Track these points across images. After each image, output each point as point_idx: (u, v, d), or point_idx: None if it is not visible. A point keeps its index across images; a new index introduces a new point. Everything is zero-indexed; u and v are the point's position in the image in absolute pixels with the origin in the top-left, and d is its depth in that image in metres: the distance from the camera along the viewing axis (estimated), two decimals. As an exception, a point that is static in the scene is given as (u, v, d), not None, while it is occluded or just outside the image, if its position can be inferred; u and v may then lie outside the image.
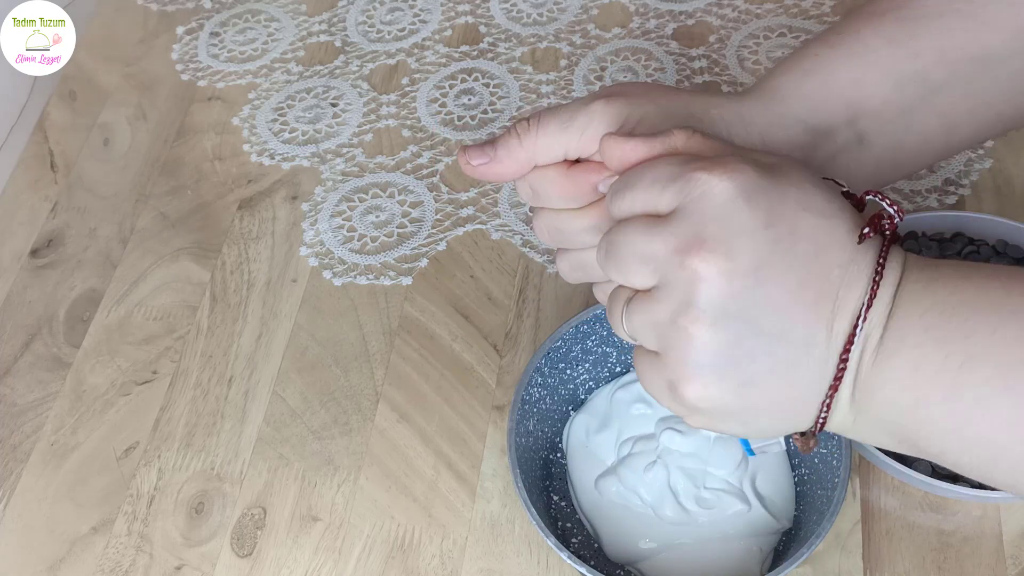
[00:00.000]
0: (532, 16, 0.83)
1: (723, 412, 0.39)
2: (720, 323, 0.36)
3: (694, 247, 0.36)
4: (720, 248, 0.36)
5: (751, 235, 0.36)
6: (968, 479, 0.54)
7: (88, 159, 0.77)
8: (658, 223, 0.38)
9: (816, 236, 0.37)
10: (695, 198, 0.37)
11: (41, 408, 0.63)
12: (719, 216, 0.37)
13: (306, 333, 0.65)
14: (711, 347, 0.37)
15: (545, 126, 0.44)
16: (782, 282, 0.36)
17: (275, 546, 0.57)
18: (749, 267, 0.36)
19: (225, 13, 0.86)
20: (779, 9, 0.81)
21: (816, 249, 0.37)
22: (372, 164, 0.74)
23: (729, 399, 0.38)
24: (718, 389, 0.38)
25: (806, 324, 0.37)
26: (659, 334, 0.38)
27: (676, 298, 0.37)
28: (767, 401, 0.38)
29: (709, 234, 0.36)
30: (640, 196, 0.39)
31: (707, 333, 0.37)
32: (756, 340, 0.37)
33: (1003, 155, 0.69)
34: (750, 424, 0.39)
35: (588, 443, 0.56)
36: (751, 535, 0.52)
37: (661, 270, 0.37)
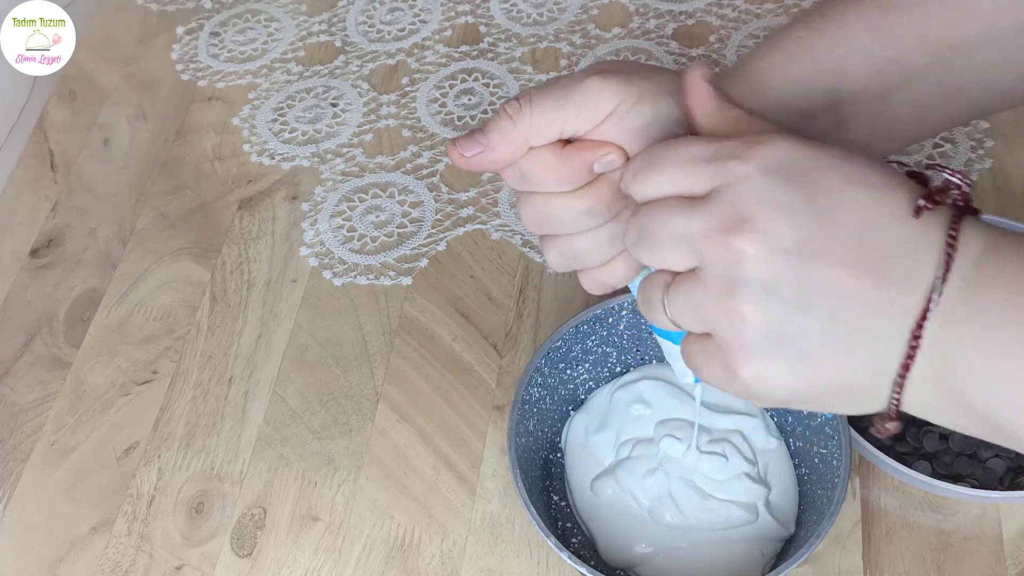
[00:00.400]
0: (532, 16, 0.83)
1: (784, 392, 0.37)
2: (768, 301, 0.36)
3: (735, 227, 0.35)
4: (762, 227, 0.35)
5: (792, 212, 0.35)
6: (968, 479, 0.54)
7: (88, 159, 0.77)
8: (695, 204, 0.37)
9: (866, 209, 0.36)
10: (733, 180, 0.36)
11: (41, 408, 0.63)
12: (759, 195, 0.36)
13: (306, 333, 0.65)
14: (760, 325, 0.36)
15: (540, 104, 0.43)
16: (830, 257, 0.35)
17: (275, 546, 0.57)
18: (793, 244, 0.35)
19: (225, 13, 0.86)
20: (779, 9, 0.81)
21: (866, 223, 0.36)
22: (372, 164, 0.74)
23: (786, 378, 0.37)
24: (774, 368, 0.36)
25: (862, 300, 0.35)
26: (706, 316, 0.37)
27: (721, 278, 0.36)
28: (828, 380, 0.37)
29: (750, 213, 0.35)
30: (670, 178, 0.38)
31: (756, 312, 0.36)
32: (807, 317, 0.35)
33: (1003, 155, 0.69)
34: (818, 404, 0.38)
35: (587, 443, 0.56)
36: (755, 540, 0.52)
37: (701, 250, 0.37)
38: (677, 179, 0.38)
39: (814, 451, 0.54)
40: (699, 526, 0.53)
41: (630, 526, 0.53)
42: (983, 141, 0.70)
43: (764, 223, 0.35)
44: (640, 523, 0.53)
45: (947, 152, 0.69)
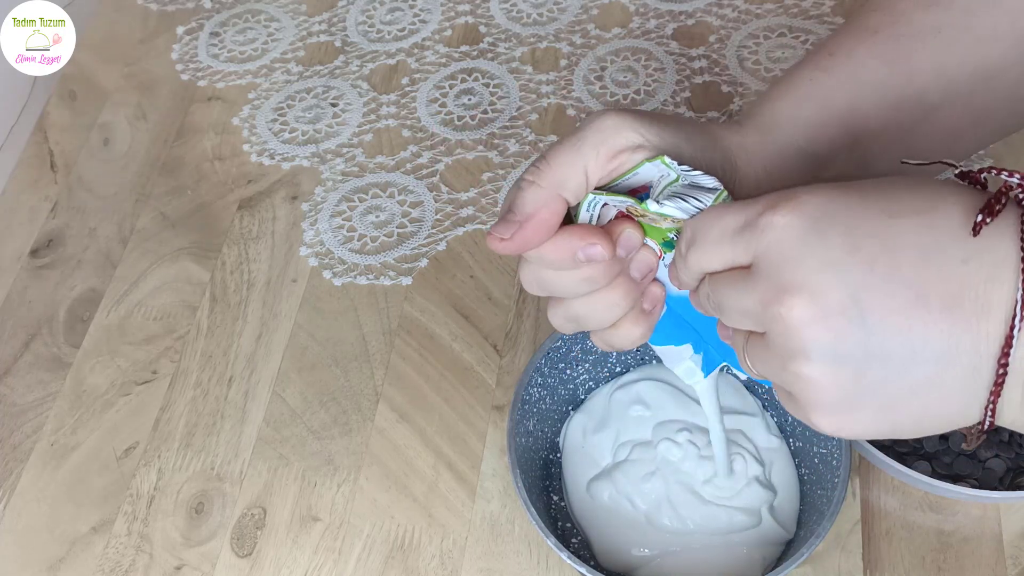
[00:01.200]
0: (532, 16, 0.83)
1: (872, 434, 0.36)
2: (834, 363, 0.34)
3: (777, 298, 0.34)
4: (804, 291, 0.34)
5: (835, 267, 0.33)
6: (968, 479, 0.54)
7: (88, 159, 0.77)
8: (743, 277, 0.36)
9: (919, 240, 0.33)
10: (765, 247, 0.35)
11: (41, 408, 0.63)
12: (794, 258, 0.34)
13: (306, 333, 0.65)
14: (832, 387, 0.34)
15: (556, 156, 0.41)
16: (892, 302, 0.33)
17: (275, 546, 0.57)
18: (845, 301, 0.33)
19: (225, 13, 0.86)
20: (779, 9, 0.81)
21: (923, 254, 0.33)
22: (372, 164, 0.74)
23: (870, 425, 0.35)
24: (854, 420, 0.35)
25: (940, 336, 0.33)
26: (780, 379, 0.36)
27: (781, 346, 0.35)
28: (915, 417, 0.35)
29: (789, 281, 0.34)
30: (716, 254, 0.37)
31: (823, 375, 0.34)
32: (881, 368, 0.34)
33: (1003, 155, 0.69)
34: (910, 434, 0.36)
35: (585, 444, 0.56)
36: (757, 545, 0.52)
37: (760, 322, 0.36)
38: (722, 253, 0.37)
39: (814, 451, 0.54)
40: (698, 531, 0.53)
41: (627, 530, 0.53)
42: (983, 141, 0.70)
43: (809, 286, 0.34)
44: (637, 527, 0.53)
45: (947, 152, 0.69)
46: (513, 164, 0.73)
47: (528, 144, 0.74)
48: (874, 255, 0.33)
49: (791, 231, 0.34)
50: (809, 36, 0.79)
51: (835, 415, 0.35)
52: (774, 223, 0.35)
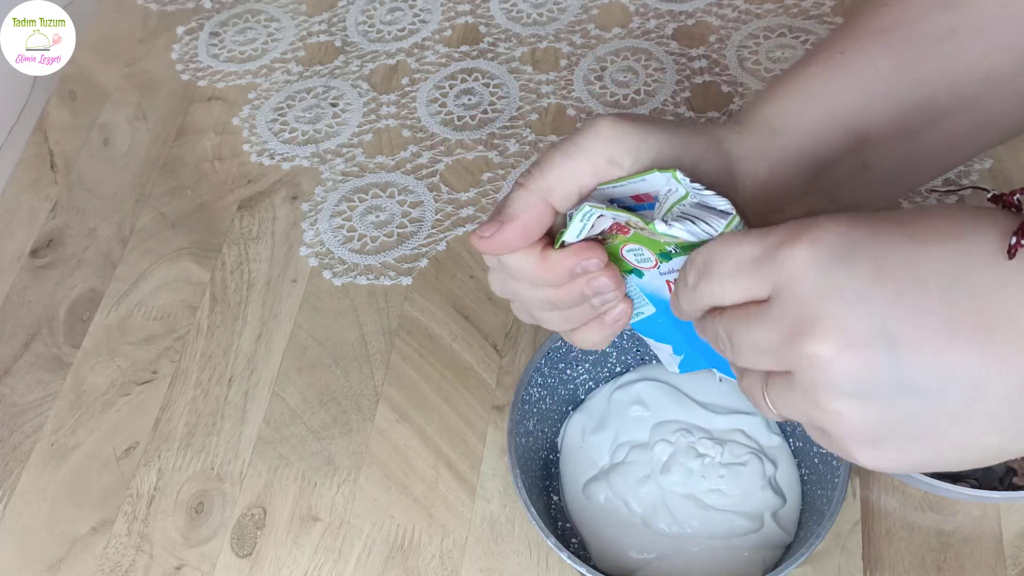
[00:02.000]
0: (532, 16, 0.83)
1: (911, 468, 0.35)
2: (866, 397, 0.33)
3: (803, 331, 0.33)
4: (828, 323, 0.32)
5: (862, 298, 0.32)
6: (968, 479, 0.54)
7: (88, 159, 0.77)
8: (760, 312, 0.34)
9: (949, 266, 0.32)
10: (786, 279, 0.33)
11: (41, 408, 0.63)
12: (818, 289, 0.33)
13: (306, 333, 0.65)
14: (866, 421, 0.33)
15: (548, 162, 0.40)
16: (922, 332, 0.32)
17: (275, 546, 0.57)
18: (873, 332, 0.32)
19: (225, 13, 0.86)
20: (779, 9, 0.81)
21: (953, 281, 0.32)
22: (372, 164, 0.74)
23: (908, 457, 0.34)
24: (894, 453, 0.34)
25: (972, 366, 0.32)
26: (809, 417, 0.35)
27: (809, 383, 0.33)
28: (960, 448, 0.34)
29: (814, 312, 0.32)
30: (730, 287, 0.35)
31: (855, 410, 0.33)
32: (914, 400, 0.32)
33: (1003, 155, 0.69)
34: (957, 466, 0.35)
35: (583, 444, 0.56)
36: (758, 548, 0.52)
37: (781, 360, 0.34)
38: (738, 286, 0.35)
39: (814, 451, 0.53)
40: (697, 535, 0.52)
41: (623, 532, 0.53)
42: (983, 141, 0.70)
43: (833, 319, 0.32)
44: (634, 530, 0.53)
45: (947, 152, 0.69)
46: (513, 164, 0.73)
47: (528, 144, 0.74)
48: (902, 284, 0.32)
49: (813, 262, 0.33)
50: (809, 36, 0.79)
51: (874, 449, 0.34)
52: (795, 255, 0.33)
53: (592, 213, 0.40)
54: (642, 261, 0.42)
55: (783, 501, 0.53)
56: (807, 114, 0.45)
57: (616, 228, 0.41)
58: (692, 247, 0.39)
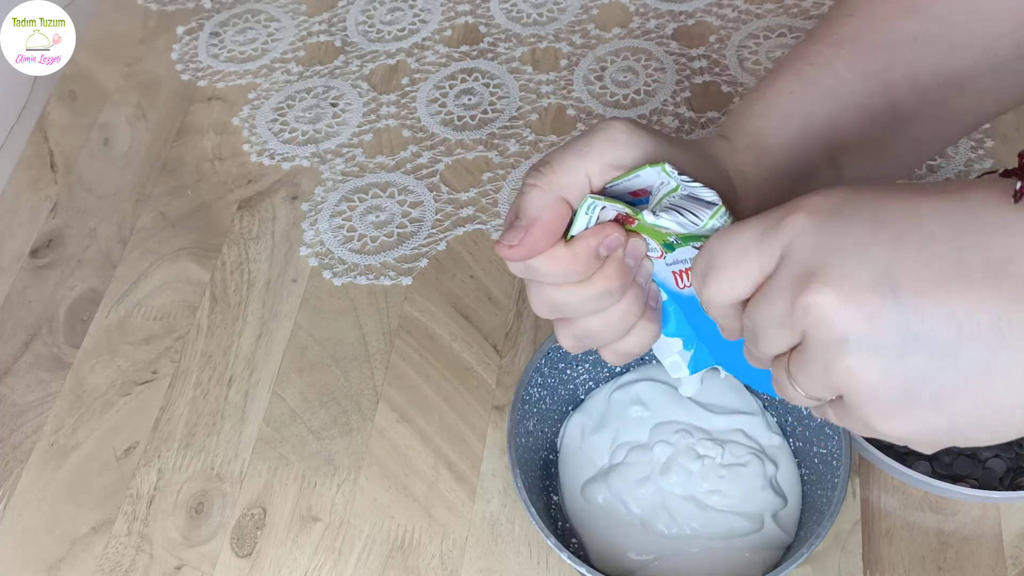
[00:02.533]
0: (532, 16, 0.83)
1: (932, 436, 0.33)
2: (875, 350, 0.32)
3: (802, 285, 0.32)
4: (829, 273, 0.32)
5: (861, 246, 0.32)
6: (968, 479, 0.54)
7: (88, 159, 0.77)
8: (769, 283, 0.34)
9: (952, 214, 0.31)
10: (788, 242, 0.33)
11: (41, 408, 0.63)
12: (816, 245, 0.32)
13: (306, 333, 0.65)
14: (878, 380, 0.32)
15: (560, 161, 0.40)
16: (927, 274, 0.31)
17: (275, 546, 0.57)
18: (875, 278, 0.31)
19: (225, 13, 0.86)
20: (779, 9, 0.81)
21: (957, 225, 0.31)
22: (372, 164, 0.74)
23: (930, 422, 0.32)
24: (911, 416, 0.32)
25: (986, 309, 0.30)
26: (827, 386, 0.34)
27: (818, 345, 0.33)
28: (977, 410, 0.32)
29: (812, 267, 0.32)
30: (739, 274, 0.35)
31: (866, 366, 0.32)
32: (926, 351, 0.31)
33: (1003, 155, 0.69)
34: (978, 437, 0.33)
35: (583, 444, 0.56)
36: (758, 549, 0.52)
37: (795, 325, 0.33)
38: (747, 271, 0.35)
39: (814, 451, 0.54)
40: (696, 536, 0.52)
41: (622, 533, 0.53)
42: (983, 141, 0.70)
43: (834, 270, 0.32)
44: (632, 531, 0.53)
45: (947, 152, 0.69)
46: (513, 164, 0.73)
47: (528, 144, 0.74)
48: (902, 230, 0.32)
49: (811, 223, 0.33)
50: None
51: (890, 414, 0.33)
52: (794, 221, 0.34)
53: (596, 204, 0.41)
54: (650, 251, 0.43)
55: (784, 502, 0.53)
56: (786, 131, 0.46)
57: (620, 219, 0.42)
58: (691, 238, 0.40)
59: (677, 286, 0.44)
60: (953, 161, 0.69)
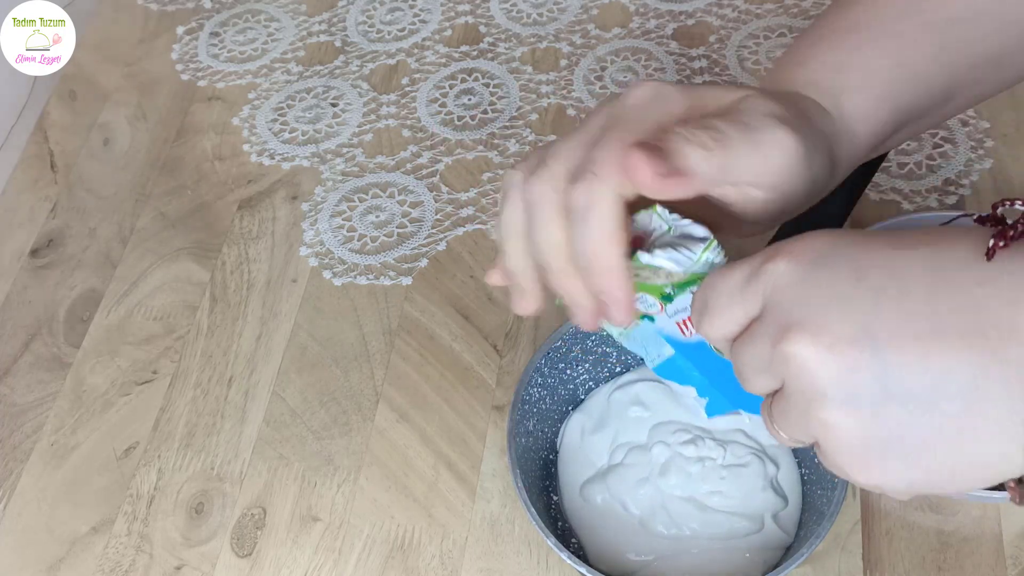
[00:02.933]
0: (532, 16, 0.83)
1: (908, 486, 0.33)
2: (852, 402, 0.32)
3: (783, 335, 0.33)
4: (810, 325, 0.32)
5: (841, 298, 0.32)
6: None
7: (88, 159, 0.77)
8: (753, 327, 0.35)
9: (930, 269, 0.32)
10: (771, 290, 0.34)
11: (41, 408, 0.63)
12: (798, 295, 0.33)
13: (306, 333, 0.65)
14: (853, 431, 0.32)
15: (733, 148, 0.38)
16: (906, 330, 0.31)
17: (275, 546, 0.57)
18: (855, 332, 0.32)
19: (225, 13, 0.86)
20: (779, 9, 0.81)
21: (934, 281, 0.32)
22: (372, 164, 0.74)
23: (905, 473, 0.33)
24: (886, 467, 0.33)
25: (961, 367, 0.31)
26: (803, 431, 0.34)
27: (797, 392, 0.33)
28: (953, 462, 0.32)
29: (795, 316, 0.33)
30: (729, 315, 0.36)
31: (842, 418, 0.32)
32: (902, 408, 0.31)
33: (1003, 155, 0.69)
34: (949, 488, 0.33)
35: (582, 444, 0.56)
36: (758, 550, 0.52)
37: (775, 372, 0.34)
38: (733, 312, 0.35)
39: (814, 451, 0.53)
40: (696, 536, 0.52)
41: (620, 534, 0.53)
42: (983, 141, 0.70)
43: (813, 321, 0.32)
44: (631, 532, 0.53)
45: (947, 152, 0.69)
46: (513, 164, 0.73)
47: (528, 144, 0.74)
48: (881, 283, 0.32)
49: (794, 270, 0.34)
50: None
51: (865, 465, 0.33)
52: (776, 267, 0.34)
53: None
54: (649, 307, 0.43)
55: (785, 502, 0.53)
56: (874, 115, 0.44)
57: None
58: (687, 284, 0.40)
59: (683, 335, 0.44)
60: (953, 161, 0.69)
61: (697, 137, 0.37)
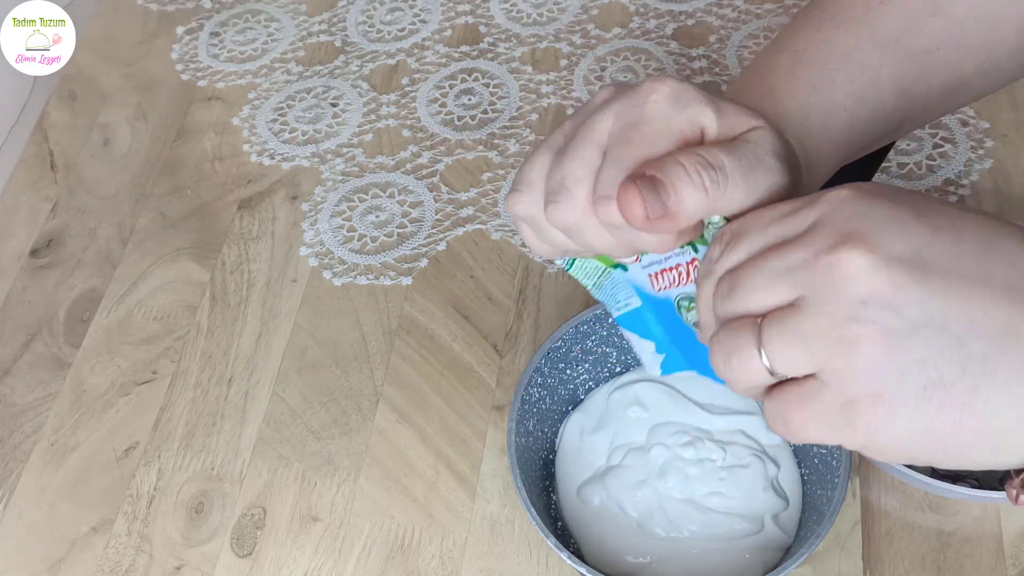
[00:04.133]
0: (532, 16, 0.83)
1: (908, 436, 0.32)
2: (891, 318, 0.31)
3: (841, 242, 0.32)
4: (869, 237, 0.32)
5: (903, 224, 0.32)
6: (968, 479, 0.54)
7: (88, 159, 0.77)
8: (792, 240, 0.33)
9: (982, 227, 0.32)
10: (828, 208, 0.33)
11: (41, 408, 0.63)
12: (859, 211, 0.32)
13: (306, 333, 0.65)
14: (881, 349, 0.31)
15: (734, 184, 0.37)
16: (957, 268, 0.31)
17: (275, 546, 0.57)
18: (910, 253, 0.31)
19: (225, 13, 0.86)
20: (779, 9, 0.81)
21: (989, 239, 0.32)
22: (372, 164, 0.74)
23: (914, 418, 0.31)
24: (899, 405, 0.31)
25: (1001, 314, 0.31)
26: (814, 350, 0.32)
27: (830, 301, 0.32)
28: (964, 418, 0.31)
29: (855, 228, 0.32)
30: (762, 235, 0.35)
31: (874, 333, 0.31)
32: (939, 335, 0.31)
33: (1003, 155, 0.69)
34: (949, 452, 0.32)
35: (581, 444, 0.56)
36: (758, 550, 0.52)
37: (805, 278, 0.32)
38: (774, 234, 0.34)
39: (814, 451, 0.53)
40: (695, 538, 0.52)
41: (618, 536, 0.53)
42: (983, 141, 0.70)
43: (873, 235, 0.32)
44: (629, 534, 0.53)
45: (947, 152, 0.69)
46: (513, 164, 0.73)
47: (528, 144, 0.74)
48: (941, 224, 0.32)
49: (856, 196, 0.33)
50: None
51: (878, 396, 0.31)
52: (839, 193, 0.34)
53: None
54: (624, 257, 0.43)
55: (785, 503, 0.53)
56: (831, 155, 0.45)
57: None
58: None
59: (653, 289, 0.43)
60: (953, 161, 0.69)
61: (698, 178, 0.37)
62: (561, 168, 0.39)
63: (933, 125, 0.71)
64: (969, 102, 0.49)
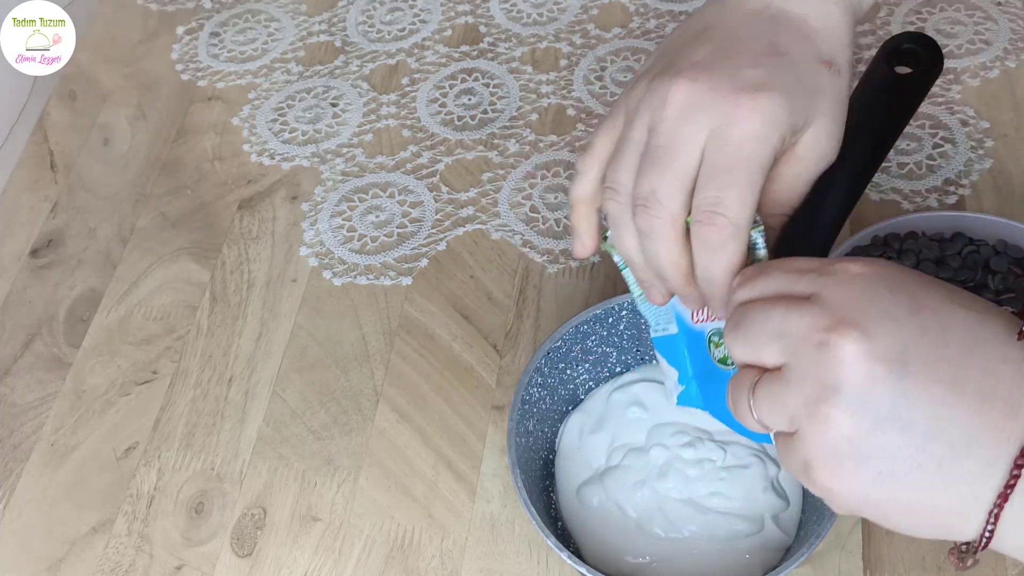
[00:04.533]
0: (532, 16, 0.83)
1: (860, 503, 0.36)
2: (861, 409, 0.34)
3: (837, 327, 0.34)
4: (862, 329, 0.34)
5: (895, 320, 0.35)
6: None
7: (88, 159, 0.77)
8: (797, 302, 0.36)
9: (969, 330, 0.35)
10: (834, 284, 0.36)
11: (41, 408, 0.63)
12: (860, 299, 0.35)
13: (306, 333, 0.65)
14: (848, 433, 0.34)
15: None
16: (934, 373, 0.34)
17: (275, 546, 0.57)
18: (894, 352, 0.34)
19: (225, 13, 0.86)
20: (779, 9, 0.81)
21: (972, 343, 0.34)
22: (372, 164, 0.74)
23: (867, 490, 0.35)
24: (854, 479, 0.35)
25: (966, 422, 0.33)
26: (791, 420, 0.36)
27: (812, 380, 0.35)
28: (914, 500, 0.35)
29: (853, 315, 0.35)
30: (775, 282, 0.38)
31: (843, 417, 0.34)
32: (902, 433, 0.34)
33: (1003, 155, 0.69)
34: (894, 521, 0.36)
35: (581, 445, 0.56)
36: (758, 551, 0.52)
37: (795, 349, 0.36)
38: (781, 282, 0.38)
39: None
40: (694, 538, 0.52)
41: (617, 536, 0.53)
42: (983, 141, 0.70)
43: (867, 327, 0.34)
44: (628, 534, 0.53)
45: (947, 152, 0.69)
46: (513, 164, 0.73)
47: (528, 144, 0.74)
48: (929, 325, 0.35)
49: (865, 277, 0.36)
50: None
51: (836, 467, 0.35)
52: (849, 268, 0.36)
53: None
54: None
55: (786, 504, 0.53)
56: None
57: None
58: None
59: (691, 320, 0.45)
60: (953, 161, 0.69)
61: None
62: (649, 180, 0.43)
63: (933, 125, 0.71)
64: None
